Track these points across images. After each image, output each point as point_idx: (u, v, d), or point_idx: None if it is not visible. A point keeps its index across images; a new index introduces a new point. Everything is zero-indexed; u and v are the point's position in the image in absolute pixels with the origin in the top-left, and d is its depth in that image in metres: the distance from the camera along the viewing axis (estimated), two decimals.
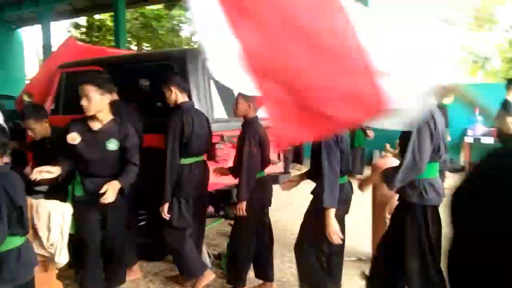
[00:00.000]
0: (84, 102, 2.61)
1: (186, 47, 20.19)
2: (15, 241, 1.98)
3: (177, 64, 3.72)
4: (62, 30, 21.14)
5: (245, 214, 2.97)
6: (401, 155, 2.39)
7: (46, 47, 15.11)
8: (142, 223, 3.89)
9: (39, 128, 3.17)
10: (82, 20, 19.06)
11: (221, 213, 3.94)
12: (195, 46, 20.60)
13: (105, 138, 2.71)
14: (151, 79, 3.87)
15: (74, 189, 2.76)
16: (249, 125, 3.05)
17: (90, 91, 2.60)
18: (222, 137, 3.72)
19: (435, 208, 2.39)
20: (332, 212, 2.47)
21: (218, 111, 3.93)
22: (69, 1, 15.16)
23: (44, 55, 15.16)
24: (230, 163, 3.79)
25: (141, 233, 3.72)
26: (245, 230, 3.08)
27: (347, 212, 2.73)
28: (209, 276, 3.23)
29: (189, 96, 3.56)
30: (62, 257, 2.57)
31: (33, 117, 3.14)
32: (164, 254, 3.73)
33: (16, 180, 1.97)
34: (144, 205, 3.65)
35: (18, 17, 17.48)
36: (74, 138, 2.68)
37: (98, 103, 2.64)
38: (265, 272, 3.22)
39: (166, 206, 3.07)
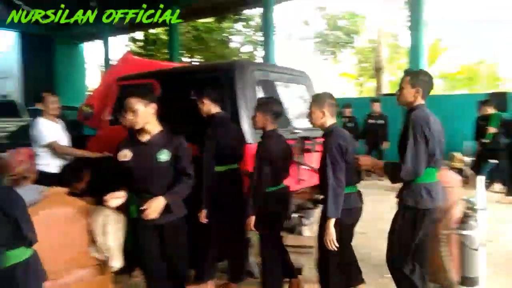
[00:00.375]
0: (130, 116, 2.54)
1: (235, 58, 20.62)
2: (21, 254, 1.96)
3: (225, 76, 3.81)
4: (121, 45, 22.30)
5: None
6: (400, 155, 2.57)
7: (106, 60, 16.07)
8: None
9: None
10: (139, 35, 20.04)
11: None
12: (244, 57, 20.98)
13: (156, 150, 2.56)
14: (202, 91, 3.98)
15: (130, 211, 2.63)
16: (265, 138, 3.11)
17: (134, 104, 2.53)
18: None
19: (429, 212, 2.56)
20: (332, 222, 2.60)
21: None
22: (128, 18, 16.02)
23: (105, 68, 16.12)
24: None
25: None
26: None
27: (356, 220, 2.81)
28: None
29: (236, 107, 3.64)
30: (117, 262, 2.70)
31: None
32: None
33: (11, 193, 1.99)
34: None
35: (81, 33, 18.74)
36: (125, 154, 2.59)
37: (144, 115, 2.54)
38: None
39: (204, 212, 3.19)
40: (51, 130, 3.80)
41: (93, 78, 21.38)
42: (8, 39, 19.29)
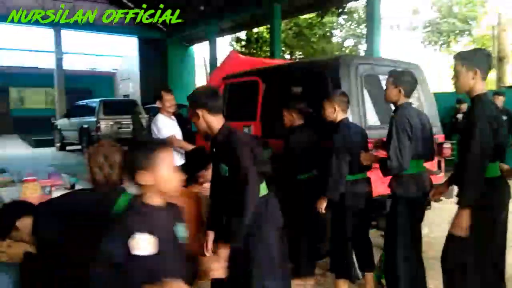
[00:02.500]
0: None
1: (337, 53, 20.18)
2: None
3: (330, 71, 3.74)
4: (225, 44, 23.41)
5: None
6: (387, 152, 2.76)
7: (212, 60, 17.01)
8: None
9: None
10: (242, 34, 20.80)
11: (373, 223, 3.78)
12: (347, 52, 20.43)
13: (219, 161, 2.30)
14: (305, 87, 3.97)
15: None
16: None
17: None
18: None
19: (417, 199, 2.80)
20: (325, 201, 3.05)
21: (371, 118, 3.82)
22: (232, 18, 16.75)
23: (211, 68, 17.08)
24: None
25: None
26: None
27: (362, 206, 3.07)
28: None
29: None
30: None
31: None
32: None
33: None
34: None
35: (191, 35, 20.11)
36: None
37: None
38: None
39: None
40: (168, 125, 4.12)
41: (201, 77, 22.77)
42: (130, 45, 21.54)
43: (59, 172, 4.63)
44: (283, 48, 19.10)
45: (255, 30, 20.11)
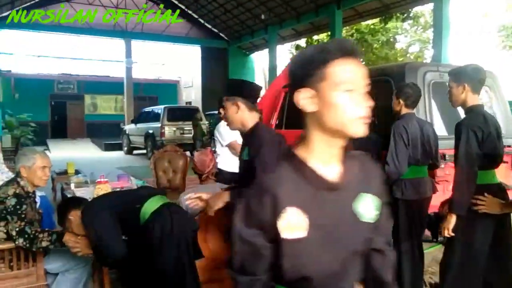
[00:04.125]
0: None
1: (401, 59, 19.47)
2: None
3: (395, 79, 3.63)
4: (285, 52, 23.49)
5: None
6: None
7: (271, 68, 17.16)
8: None
9: None
10: (302, 41, 20.76)
11: (440, 239, 3.59)
12: (411, 58, 19.64)
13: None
14: (369, 96, 3.87)
15: None
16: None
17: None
18: (443, 155, 3.42)
19: (415, 202, 2.99)
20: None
21: (439, 127, 3.63)
22: (292, 26, 16.81)
23: (270, 75, 17.23)
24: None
25: None
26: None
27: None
28: None
29: None
30: None
31: None
32: None
33: None
34: None
35: (251, 44, 20.47)
36: None
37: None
38: None
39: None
40: (230, 131, 4.22)
41: (260, 85, 23.01)
42: (193, 54, 22.37)
43: (127, 175, 4.91)
44: None
45: (315, 37, 19.99)
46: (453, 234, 2.47)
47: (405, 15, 17.82)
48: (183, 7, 19.66)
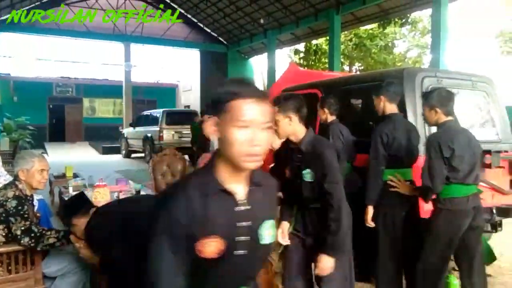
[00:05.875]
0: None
1: (399, 64, 19.53)
2: None
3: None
4: (284, 56, 23.56)
5: None
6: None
7: (270, 72, 17.20)
8: None
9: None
10: (301, 46, 20.83)
11: None
12: (409, 63, 19.72)
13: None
14: (367, 101, 3.90)
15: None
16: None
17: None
18: None
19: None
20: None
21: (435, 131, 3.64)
22: (291, 30, 16.87)
23: (268, 79, 17.26)
24: None
25: None
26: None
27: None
28: None
29: (406, 118, 3.45)
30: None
31: None
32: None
33: None
34: None
35: (250, 48, 20.52)
36: None
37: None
38: None
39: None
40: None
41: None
42: (192, 57, 22.41)
43: (126, 179, 4.91)
44: (342, 60, 18.85)
45: (314, 41, 20.07)
46: (372, 224, 2.96)
47: (404, 20, 17.91)
48: (182, 11, 19.73)
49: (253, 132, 1.10)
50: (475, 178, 2.69)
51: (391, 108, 3.09)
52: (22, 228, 2.50)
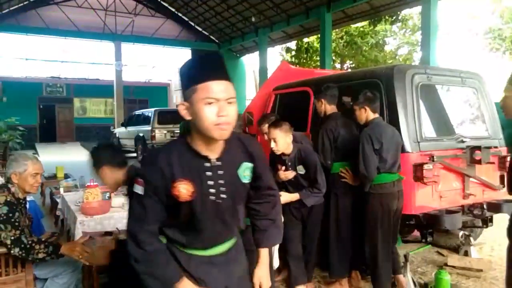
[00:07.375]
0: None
1: (390, 62, 19.63)
2: None
3: (384, 81, 3.66)
4: (275, 55, 23.56)
5: None
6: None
7: (262, 70, 17.18)
8: None
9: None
10: (292, 44, 20.82)
11: (429, 239, 3.62)
12: (400, 61, 19.81)
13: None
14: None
15: None
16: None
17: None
18: (431, 157, 3.46)
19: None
20: None
21: (427, 129, 3.67)
22: (282, 28, 16.87)
23: (260, 78, 17.24)
24: (441, 186, 3.51)
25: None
26: None
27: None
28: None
29: (396, 114, 3.47)
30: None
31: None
32: None
33: None
34: None
35: (241, 46, 20.48)
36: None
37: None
38: None
39: None
40: None
41: (251, 87, 23.03)
42: (183, 56, 22.30)
43: None
44: (333, 58, 18.88)
45: (305, 39, 20.07)
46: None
47: (394, 18, 17.97)
48: (173, 9, 19.63)
49: (219, 105, 1.29)
50: (398, 167, 3.18)
51: (331, 108, 3.54)
52: (12, 237, 2.42)
